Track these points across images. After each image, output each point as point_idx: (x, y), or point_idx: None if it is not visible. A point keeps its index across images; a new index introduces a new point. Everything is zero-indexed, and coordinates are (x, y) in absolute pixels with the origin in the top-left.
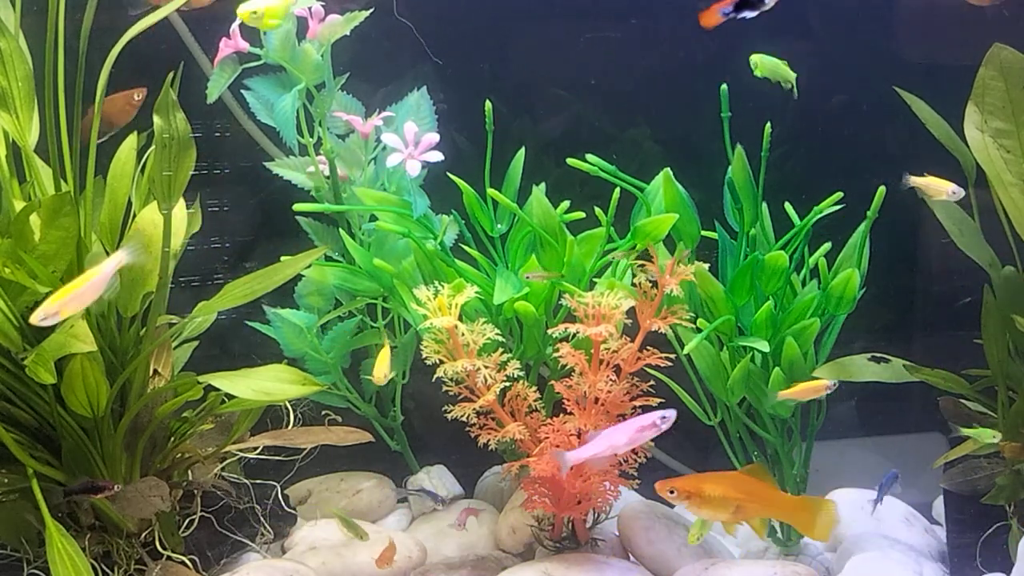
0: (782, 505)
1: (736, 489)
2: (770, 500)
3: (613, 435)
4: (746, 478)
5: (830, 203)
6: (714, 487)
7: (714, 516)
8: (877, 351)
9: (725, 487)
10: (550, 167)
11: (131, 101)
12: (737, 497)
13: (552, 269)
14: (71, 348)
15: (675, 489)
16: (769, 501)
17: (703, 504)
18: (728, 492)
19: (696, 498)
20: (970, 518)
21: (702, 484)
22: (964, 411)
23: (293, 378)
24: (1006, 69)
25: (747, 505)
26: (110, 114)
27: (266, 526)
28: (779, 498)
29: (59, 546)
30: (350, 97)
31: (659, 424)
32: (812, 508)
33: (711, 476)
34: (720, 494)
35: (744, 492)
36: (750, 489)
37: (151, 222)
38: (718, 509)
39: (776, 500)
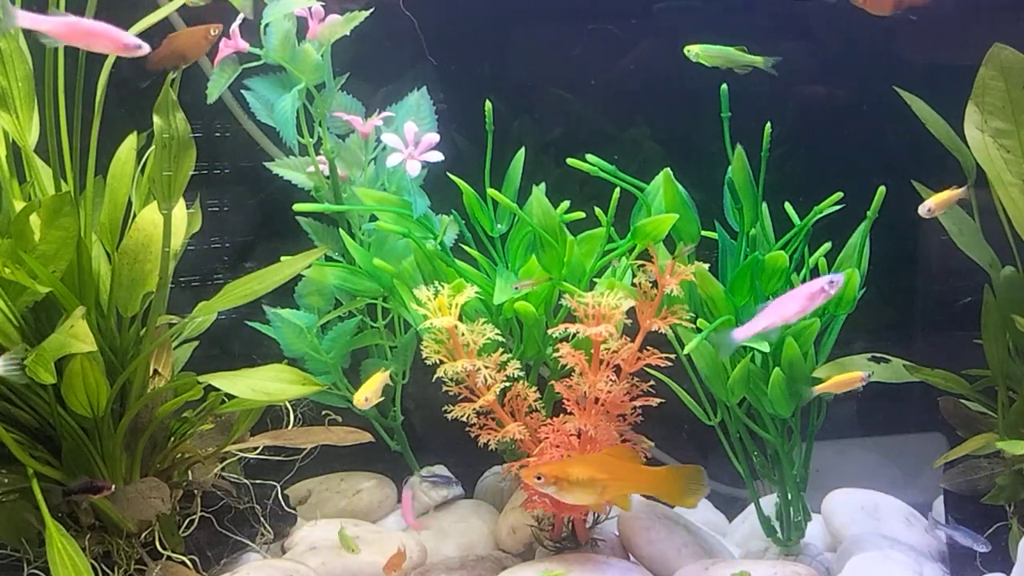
0: (648, 480)
1: (601, 470)
2: (636, 477)
3: (784, 304)
4: (610, 458)
5: (830, 203)
6: (580, 470)
7: (582, 499)
8: (877, 351)
9: (591, 469)
10: (550, 167)
11: (207, 36)
12: (603, 478)
13: (552, 269)
14: (71, 348)
15: (542, 475)
16: (635, 478)
17: (570, 488)
18: (594, 474)
19: (563, 482)
20: (970, 518)
21: (568, 468)
22: (964, 411)
23: (293, 378)
24: (1006, 69)
25: (613, 485)
26: (184, 47)
27: (266, 526)
28: (645, 474)
29: (59, 546)
30: (350, 97)
31: (827, 289)
32: (679, 478)
33: (576, 459)
34: (586, 476)
35: (609, 472)
36: (615, 469)
37: (151, 222)
38: (586, 491)
39: (642, 476)
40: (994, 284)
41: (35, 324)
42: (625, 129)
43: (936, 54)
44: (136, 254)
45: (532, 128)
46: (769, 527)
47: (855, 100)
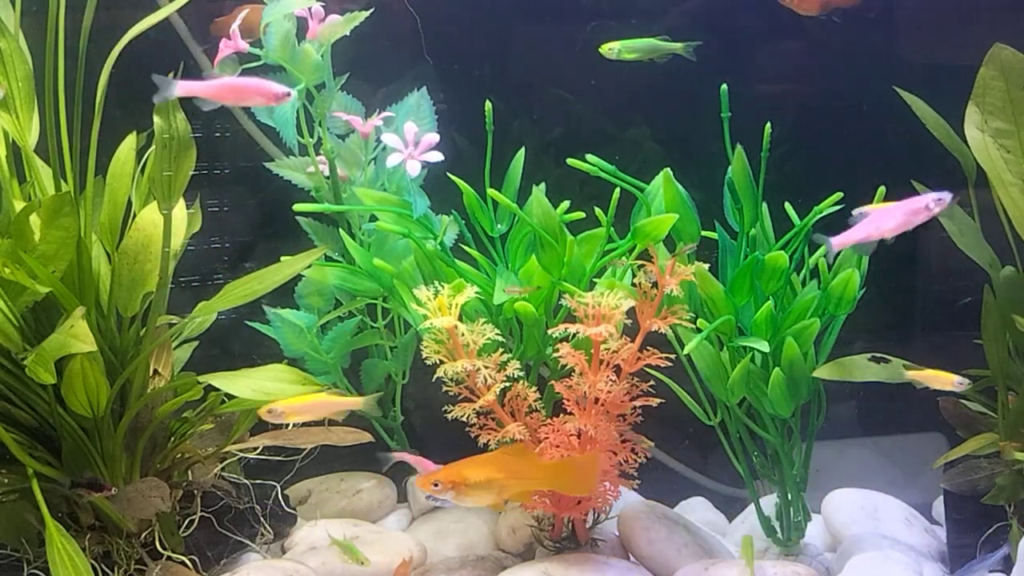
0: (544, 475)
1: (498, 470)
2: (534, 474)
3: (882, 217)
4: (505, 457)
5: (830, 203)
6: (476, 473)
7: (481, 501)
8: (877, 351)
9: (486, 470)
10: (550, 167)
11: None
12: (500, 478)
13: (552, 269)
14: (71, 348)
15: (438, 482)
16: (533, 475)
17: (468, 492)
18: (490, 475)
19: (460, 486)
20: (970, 518)
21: (463, 472)
22: (964, 411)
23: (293, 378)
24: (1006, 69)
25: (511, 483)
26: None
27: (266, 526)
28: (540, 470)
29: (59, 546)
30: (350, 97)
31: (932, 207)
32: (574, 469)
33: (470, 462)
34: (483, 478)
35: (506, 472)
36: (511, 467)
37: (151, 222)
38: (484, 493)
39: (538, 473)
40: (994, 284)
41: (35, 324)
42: (625, 129)
43: (936, 54)
44: (136, 254)
45: (532, 128)
46: (769, 527)
47: (855, 100)
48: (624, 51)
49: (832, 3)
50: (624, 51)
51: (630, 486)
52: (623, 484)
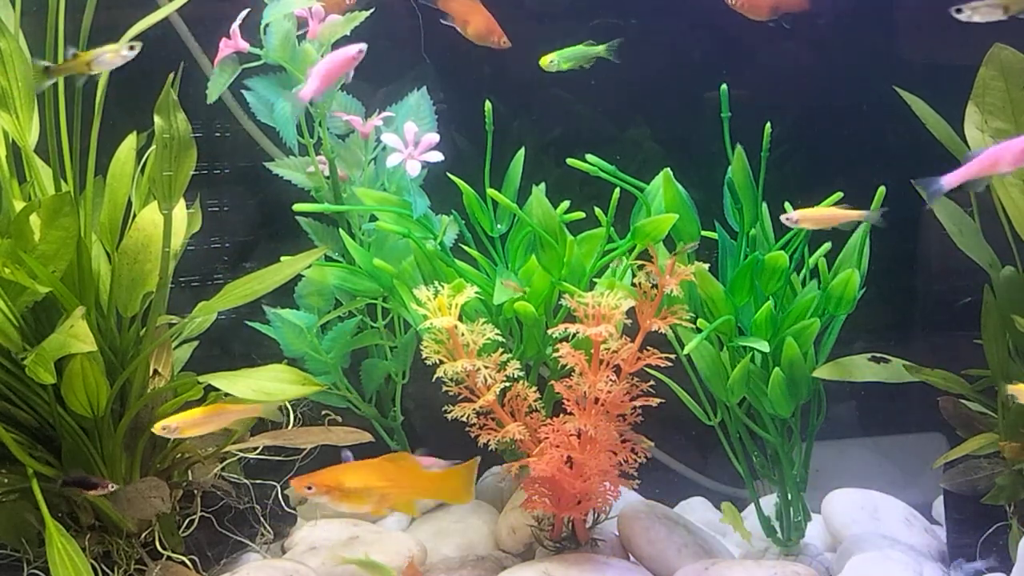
0: (426, 484)
1: (378, 477)
2: (415, 483)
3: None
4: (387, 464)
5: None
6: (354, 479)
7: (358, 507)
8: (877, 351)
9: (366, 477)
10: (550, 167)
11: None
12: (380, 486)
13: (552, 269)
14: (71, 348)
15: (313, 485)
16: (414, 484)
17: (344, 497)
18: (369, 482)
19: (336, 492)
20: (970, 518)
21: (341, 477)
22: (964, 411)
23: (293, 378)
24: (1006, 69)
25: (391, 492)
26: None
27: (266, 526)
28: (421, 478)
29: (59, 546)
30: (350, 97)
31: None
32: (455, 477)
33: (350, 467)
34: (361, 485)
35: (386, 479)
36: (392, 475)
37: (151, 222)
38: (361, 500)
39: (419, 481)
40: (994, 284)
41: (35, 324)
42: (625, 129)
43: (936, 54)
44: (136, 254)
45: (532, 128)
46: (769, 527)
47: (855, 100)
48: (561, 61)
49: (781, 8)
50: (561, 61)
51: (630, 486)
52: (623, 484)
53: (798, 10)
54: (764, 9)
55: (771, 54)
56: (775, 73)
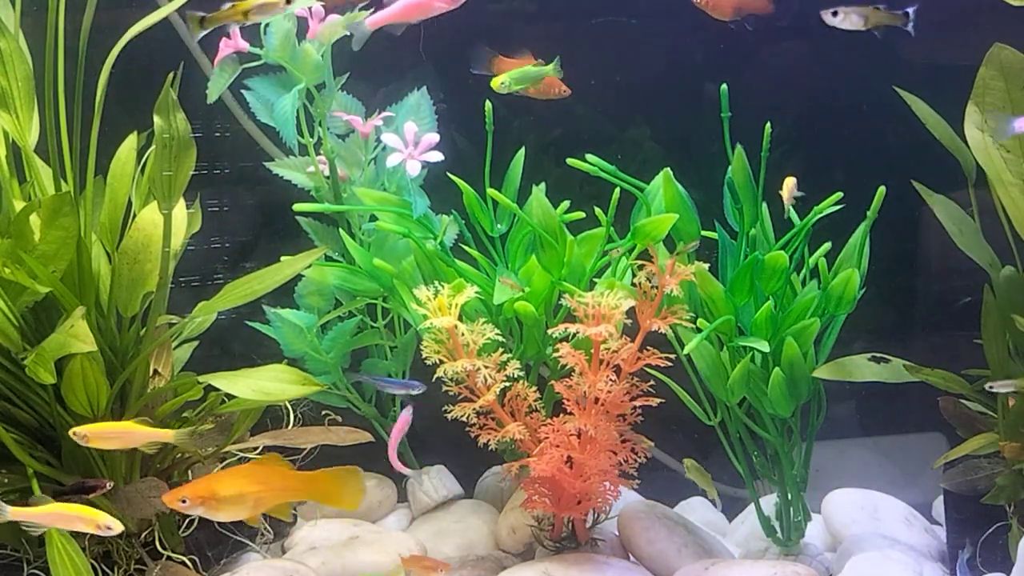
0: (303, 486)
1: (252, 482)
2: (290, 485)
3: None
4: (260, 468)
5: (830, 203)
6: (227, 486)
7: (235, 515)
8: (877, 351)
9: (239, 483)
10: (550, 167)
11: None
12: (255, 491)
13: (552, 269)
14: (71, 348)
15: (186, 498)
16: (289, 486)
17: (220, 506)
18: (244, 487)
19: (211, 501)
20: (970, 518)
21: (214, 486)
22: (964, 411)
23: (293, 378)
24: (1006, 69)
25: (266, 496)
26: None
27: (266, 526)
28: (299, 480)
29: (59, 546)
30: (350, 97)
31: None
32: (336, 481)
33: (222, 475)
34: (236, 492)
35: (261, 483)
36: (266, 479)
37: (151, 222)
38: (237, 507)
39: (296, 483)
40: (994, 284)
41: (35, 324)
42: (625, 129)
43: (936, 54)
44: (136, 254)
45: (532, 128)
46: (769, 527)
47: (855, 100)
48: (512, 83)
49: (745, 9)
50: (512, 83)
51: (630, 486)
52: (623, 484)
53: (761, 12)
54: (728, 10)
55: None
56: (775, 73)
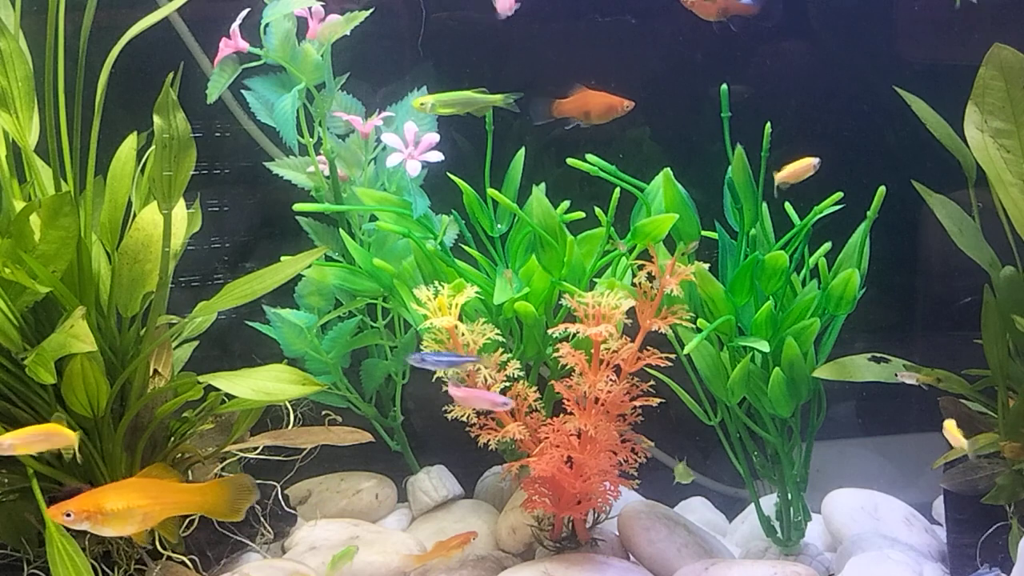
0: (193, 498)
1: (141, 496)
2: (179, 498)
3: None
4: (148, 482)
5: (830, 203)
6: (114, 500)
7: (123, 530)
8: (877, 351)
9: (127, 497)
10: (550, 167)
11: None
12: (143, 505)
13: (552, 269)
14: (71, 348)
15: (71, 512)
16: (178, 499)
17: (107, 520)
18: (132, 502)
19: (96, 516)
20: (970, 518)
21: (100, 500)
22: (964, 411)
23: (293, 378)
24: (1006, 69)
25: (155, 509)
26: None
27: (266, 526)
28: (188, 493)
29: (59, 546)
30: (350, 97)
31: None
32: (226, 490)
33: (109, 489)
34: (123, 506)
35: (150, 497)
36: (155, 493)
37: (151, 222)
38: (125, 522)
39: (186, 496)
40: (994, 284)
41: (35, 324)
42: (625, 129)
43: (936, 54)
44: (136, 254)
45: (532, 128)
46: (769, 527)
47: (855, 100)
48: (438, 105)
49: (730, 10)
50: (438, 105)
51: (630, 486)
52: (623, 484)
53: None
54: (713, 10)
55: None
56: (775, 73)
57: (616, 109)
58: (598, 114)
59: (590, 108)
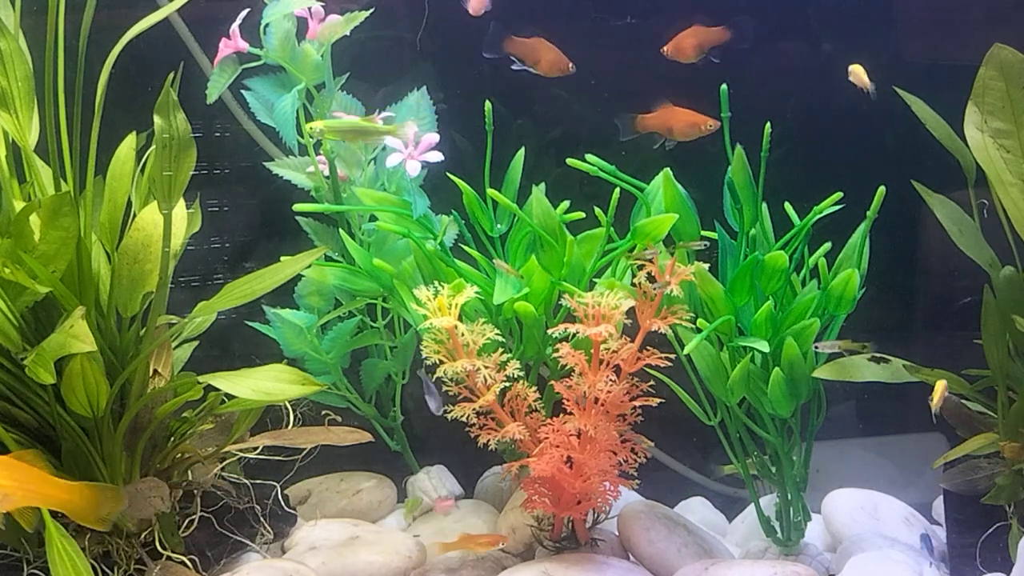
0: (56, 493)
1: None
2: (42, 489)
3: None
4: (16, 464)
5: (830, 203)
6: None
7: None
8: (877, 351)
9: None
10: (550, 167)
11: None
12: (4, 484)
13: (552, 269)
14: (71, 348)
15: None
16: (43, 491)
17: None
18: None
19: None
20: (970, 518)
21: None
22: (964, 411)
23: (293, 378)
24: (1006, 69)
25: (17, 494)
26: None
27: (266, 526)
28: (52, 486)
29: (59, 546)
30: (350, 97)
31: None
32: (91, 495)
33: None
34: None
35: (13, 479)
36: (20, 476)
37: (151, 222)
38: None
39: (48, 489)
40: (994, 284)
41: (35, 324)
42: None
43: (936, 54)
44: (136, 254)
45: (532, 128)
46: (769, 527)
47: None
48: (327, 132)
49: (705, 45)
50: (327, 132)
51: (630, 486)
52: (623, 484)
53: (720, 42)
54: (690, 51)
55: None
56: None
57: (699, 127)
58: (681, 131)
59: (673, 125)
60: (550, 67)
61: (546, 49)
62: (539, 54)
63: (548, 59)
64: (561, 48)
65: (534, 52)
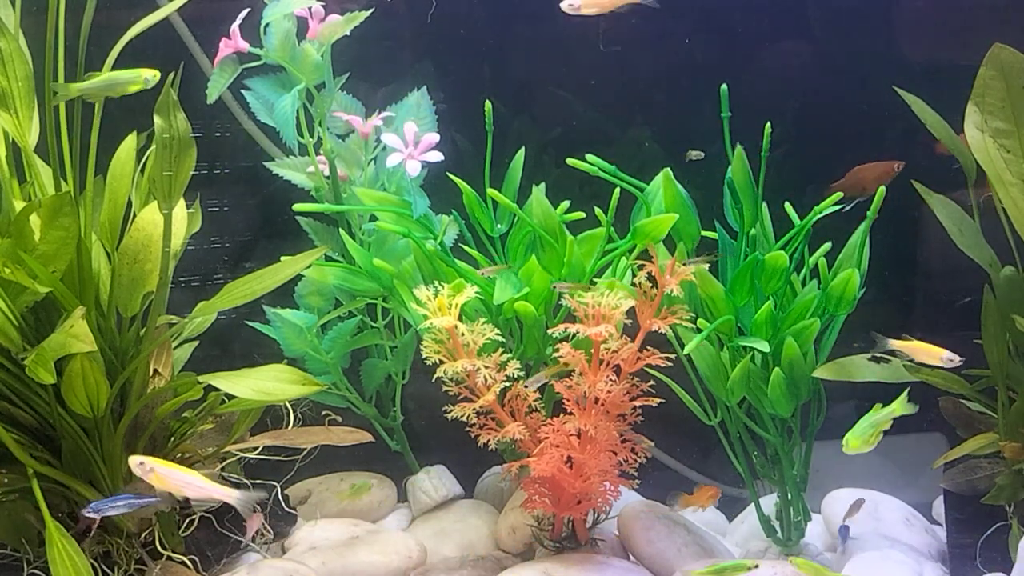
0: None
1: None
2: None
3: None
4: None
5: (830, 203)
6: None
7: None
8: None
9: None
10: (550, 167)
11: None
12: None
13: (552, 269)
14: (71, 348)
15: None
16: None
17: None
18: None
19: None
20: (970, 518)
21: None
22: (964, 411)
23: (293, 378)
24: (1006, 69)
25: None
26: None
27: (266, 526)
28: None
29: (59, 546)
30: (350, 97)
31: None
32: None
33: None
34: None
35: None
36: None
37: (151, 222)
38: None
39: None
40: (994, 284)
41: (35, 324)
42: (625, 129)
43: (936, 54)
44: (136, 254)
45: (532, 128)
46: (769, 527)
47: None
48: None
49: None
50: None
51: (630, 486)
52: (623, 484)
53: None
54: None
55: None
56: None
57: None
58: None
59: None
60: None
61: (867, 172)
62: (865, 181)
63: (874, 178)
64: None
65: (860, 183)
